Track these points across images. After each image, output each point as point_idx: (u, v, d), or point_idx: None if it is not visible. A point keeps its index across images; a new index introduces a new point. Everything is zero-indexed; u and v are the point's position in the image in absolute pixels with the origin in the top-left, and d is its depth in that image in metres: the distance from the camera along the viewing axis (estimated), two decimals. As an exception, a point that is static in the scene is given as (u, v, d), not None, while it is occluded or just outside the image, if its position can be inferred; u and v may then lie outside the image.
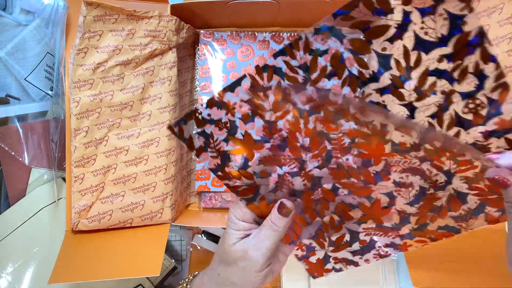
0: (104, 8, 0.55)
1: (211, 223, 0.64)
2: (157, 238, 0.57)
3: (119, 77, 0.57)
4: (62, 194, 0.66)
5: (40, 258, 0.64)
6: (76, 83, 0.55)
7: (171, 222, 0.60)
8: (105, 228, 0.58)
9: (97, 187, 0.57)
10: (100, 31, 0.56)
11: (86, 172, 0.57)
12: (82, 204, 0.57)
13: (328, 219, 0.43)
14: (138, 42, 0.57)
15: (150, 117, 0.59)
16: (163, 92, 0.59)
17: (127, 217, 0.58)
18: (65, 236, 0.58)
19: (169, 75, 0.60)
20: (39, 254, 0.64)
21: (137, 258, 0.54)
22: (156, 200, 0.59)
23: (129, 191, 0.58)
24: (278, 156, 0.40)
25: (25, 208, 0.66)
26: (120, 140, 0.58)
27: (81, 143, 0.56)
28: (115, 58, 0.56)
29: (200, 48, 0.68)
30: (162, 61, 0.59)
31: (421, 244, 0.43)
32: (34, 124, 0.70)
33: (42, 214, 0.66)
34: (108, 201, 0.57)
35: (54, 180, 0.66)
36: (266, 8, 0.61)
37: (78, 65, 0.55)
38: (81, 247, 0.57)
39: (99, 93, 0.56)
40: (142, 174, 0.58)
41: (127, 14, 0.56)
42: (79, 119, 0.56)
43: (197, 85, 0.70)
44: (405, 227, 0.42)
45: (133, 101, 0.58)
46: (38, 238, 0.65)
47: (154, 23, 0.57)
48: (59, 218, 0.65)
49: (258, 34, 0.68)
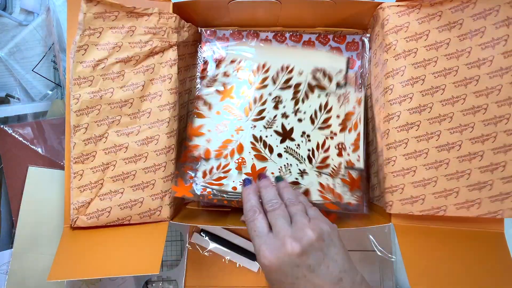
0: (104, 5, 0.55)
1: (210, 222, 0.64)
2: (156, 236, 0.57)
3: (119, 75, 0.57)
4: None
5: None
6: (76, 80, 0.55)
7: (170, 220, 0.60)
8: (104, 225, 0.58)
9: (96, 184, 0.57)
10: (100, 28, 0.56)
11: (85, 169, 0.57)
12: (81, 200, 0.57)
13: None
14: (138, 39, 0.58)
15: (150, 115, 0.59)
16: (163, 90, 0.59)
17: (125, 214, 0.58)
18: (64, 233, 0.58)
19: (169, 73, 0.60)
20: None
21: (136, 255, 0.54)
22: (155, 198, 0.59)
23: (128, 188, 0.58)
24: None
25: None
26: (119, 137, 0.58)
27: (81, 140, 0.56)
28: (115, 55, 0.57)
29: (202, 46, 0.69)
30: (163, 59, 0.60)
31: None
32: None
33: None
34: (107, 198, 0.57)
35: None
36: (268, 7, 0.62)
37: (78, 62, 0.55)
38: (79, 244, 0.56)
39: (99, 90, 0.56)
40: (141, 172, 0.58)
41: (126, 11, 0.57)
42: (78, 115, 0.56)
43: (197, 83, 0.70)
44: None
45: (133, 98, 0.58)
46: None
47: (154, 20, 0.58)
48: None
49: (260, 33, 0.69)
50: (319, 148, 0.64)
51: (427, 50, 0.56)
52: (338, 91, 0.66)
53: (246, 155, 0.63)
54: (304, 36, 0.69)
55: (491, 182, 0.54)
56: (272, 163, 0.63)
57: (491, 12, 0.54)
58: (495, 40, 0.54)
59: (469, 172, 0.55)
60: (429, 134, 0.56)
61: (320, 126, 0.65)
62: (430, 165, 0.56)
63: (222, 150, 0.63)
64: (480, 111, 0.54)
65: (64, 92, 0.74)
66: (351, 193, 0.62)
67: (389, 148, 0.57)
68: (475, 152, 0.55)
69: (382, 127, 0.59)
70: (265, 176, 0.56)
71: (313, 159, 0.63)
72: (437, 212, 0.55)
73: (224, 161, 0.63)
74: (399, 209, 0.56)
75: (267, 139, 0.64)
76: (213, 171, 0.63)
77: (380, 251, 0.70)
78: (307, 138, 0.64)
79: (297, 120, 0.65)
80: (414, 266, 0.52)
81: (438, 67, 0.56)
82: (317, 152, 0.64)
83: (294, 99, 0.66)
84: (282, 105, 0.65)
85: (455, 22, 0.55)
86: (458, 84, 0.55)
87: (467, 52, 0.55)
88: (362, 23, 0.67)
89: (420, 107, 0.56)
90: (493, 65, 0.54)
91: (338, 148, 0.64)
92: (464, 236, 0.56)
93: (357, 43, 0.68)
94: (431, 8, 0.56)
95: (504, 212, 0.54)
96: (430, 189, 0.55)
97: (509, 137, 0.53)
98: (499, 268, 0.53)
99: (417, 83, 0.56)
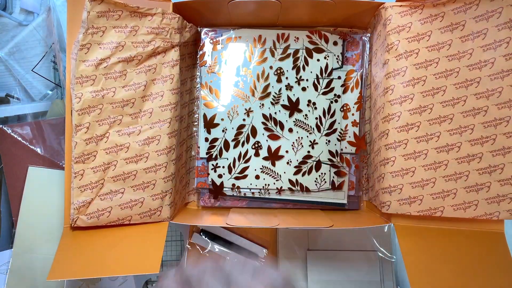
0: (108, 4, 0.56)
1: (210, 222, 0.63)
2: (156, 236, 0.57)
3: (121, 74, 0.57)
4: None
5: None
6: (79, 79, 0.55)
7: (170, 220, 0.60)
8: (104, 225, 0.58)
9: (96, 184, 0.57)
10: (104, 27, 0.56)
11: (86, 169, 0.57)
12: (81, 200, 0.56)
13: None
14: (141, 39, 0.58)
15: (151, 115, 0.59)
16: (165, 90, 0.59)
17: (126, 214, 0.58)
18: (63, 233, 0.57)
19: (171, 73, 0.60)
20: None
21: (136, 255, 0.54)
22: (155, 198, 0.59)
23: (128, 188, 0.58)
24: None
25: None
26: (121, 137, 0.58)
27: (82, 139, 0.56)
28: (117, 54, 0.57)
29: (203, 46, 0.69)
30: (165, 59, 0.60)
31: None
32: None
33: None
34: (107, 198, 0.57)
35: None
36: (268, 7, 0.62)
37: (80, 61, 0.55)
38: (79, 243, 0.56)
39: (101, 90, 0.56)
40: (142, 172, 0.58)
41: (130, 10, 0.57)
42: (80, 115, 0.56)
43: (197, 83, 0.70)
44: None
45: (135, 98, 0.58)
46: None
47: (157, 20, 0.58)
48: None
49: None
50: (326, 114, 0.68)
51: (428, 51, 0.56)
52: (335, 50, 0.68)
53: (260, 137, 0.68)
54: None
55: (488, 184, 0.54)
56: (285, 140, 0.68)
57: (494, 14, 0.54)
58: (497, 42, 0.54)
59: (467, 173, 0.55)
60: (429, 135, 0.56)
61: (324, 91, 0.68)
62: (429, 166, 0.56)
63: (239, 138, 0.68)
64: (480, 113, 0.55)
65: (64, 92, 0.74)
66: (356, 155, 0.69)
67: (388, 148, 0.57)
68: (474, 154, 0.55)
69: (381, 127, 0.59)
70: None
71: (321, 126, 0.68)
72: (434, 212, 0.55)
73: (243, 150, 0.68)
74: (397, 209, 0.57)
75: (276, 115, 0.68)
76: (236, 163, 0.68)
77: (380, 251, 0.70)
78: (313, 106, 0.68)
79: (301, 89, 0.68)
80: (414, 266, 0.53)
81: (439, 68, 0.56)
82: (324, 119, 0.68)
83: (295, 67, 0.68)
84: (284, 77, 0.68)
85: (457, 23, 0.56)
86: (459, 85, 0.55)
87: (468, 53, 0.55)
88: (362, 23, 0.68)
89: (421, 108, 0.56)
90: (494, 67, 0.54)
91: (343, 110, 0.68)
92: (464, 236, 0.56)
93: (357, 43, 0.69)
94: (434, 9, 0.56)
95: (500, 214, 0.54)
96: (428, 189, 0.56)
97: (509, 140, 0.54)
98: (499, 268, 0.53)
99: (418, 83, 0.56)
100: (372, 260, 0.69)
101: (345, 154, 0.69)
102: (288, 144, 0.68)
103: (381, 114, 0.59)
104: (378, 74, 0.62)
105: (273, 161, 0.68)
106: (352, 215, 0.66)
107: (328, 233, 0.72)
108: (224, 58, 0.68)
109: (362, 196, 0.69)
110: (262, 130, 0.68)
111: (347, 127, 0.68)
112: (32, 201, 0.66)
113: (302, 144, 0.68)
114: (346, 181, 0.68)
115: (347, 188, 0.68)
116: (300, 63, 0.68)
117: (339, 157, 0.68)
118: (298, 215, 0.65)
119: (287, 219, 0.62)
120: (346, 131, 0.68)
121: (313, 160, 0.68)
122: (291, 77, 0.68)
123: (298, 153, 0.68)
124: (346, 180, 0.68)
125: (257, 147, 0.68)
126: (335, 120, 0.68)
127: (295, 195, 0.68)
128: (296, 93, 0.68)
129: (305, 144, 0.68)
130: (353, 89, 0.68)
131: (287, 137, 0.68)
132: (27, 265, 0.65)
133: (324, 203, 0.68)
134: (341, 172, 0.68)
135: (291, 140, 0.68)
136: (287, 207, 0.69)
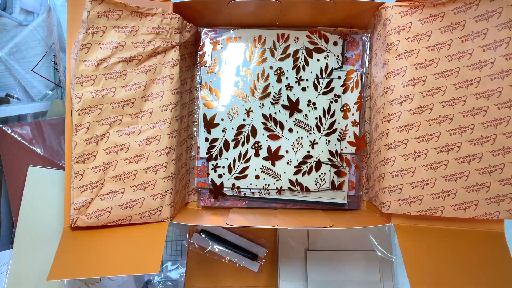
0: (108, 4, 0.56)
1: (210, 221, 0.63)
2: (156, 236, 0.57)
3: (121, 74, 0.57)
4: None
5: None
6: (79, 79, 0.55)
7: (170, 220, 0.60)
8: (104, 225, 0.58)
9: (96, 184, 0.57)
10: (104, 27, 0.56)
11: (86, 169, 0.57)
12: (81, 200, 0.56)
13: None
14: (141, 39, 0.58)
15: (151, 115, 0.59)
16: (165, 90, 0.59)
17: (126, 214, 0.58)
18: (63, 233, 0.57)
19: (171, 73, 0.60)
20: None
21: (136, 255, 0.54)
22: (155, 198, 0.59)
23: (128, 188, 0.58)
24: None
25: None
26: (121, 137, 0.58)
27: (82, 139, 0.56)
28: (118, 54, 0.57)
29: (203, 46, 0.69)
30: (165, 59, 0.60)
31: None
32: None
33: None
34: (107, 198, 0.57)
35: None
36: (268, 7, 0.62)
37: (81, 61, 0.55)
38: (79, 244, 0.56)
39: (101, 90, 0.56)
40: (142, 172, 0.58)
41: (130, 10, 0.57)
42: (80, 115, 0.56)
43: (197, 83, 0.70)
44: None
45: (135, 98, 0.58)
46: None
47: (157, 20, 0.58)
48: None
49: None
50: (326, 114, 0.68)
51: (428, 51, 0.56)
52: (335, 50, 0.68)
53: (260, 137, 0.68)
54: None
55: (488, 184, 0.54)
56: (285, 140, 0.68)
57: (494, 14, 0.54)
58: (497, 42, 0.54)
59: (467, 173, 0.55)
60: (429, 135, 0.56)
61: (324, 91, 0.68)
62: (429, 166, 0.56)
63: (239, 138, 0.68)
64: (480, 113, 0.55)
65: (64, 92, 0.74)
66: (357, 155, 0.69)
67: (388, 148, 0.57)
68: (474, 154, 0.55)
69: (381, 127, 0.59)
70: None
71: (321, 126, 0.68)
72: (434, 212, 0.55)
73: (243, 150, 0.68)
74: (397, 209, 0.57)
75: (276, 115, 0.68)
76: (236, 163, 0.68)
77: (380, 251, 0.70)
78: (313, 106, 0.68)
79: (301, 89, 0.68)
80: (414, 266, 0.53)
81: (439, 68, 0.56)
82: (324, 119, 0.68)
83: (295, 68, 0.68)
84: (284, 77, 0.68)
85: (457, 23, 0.56)
86: (459, 85, 0.55)
87: (468, 53, 0.55)
88: (362, 23, 0.68)
89: (421, 108, 0.56)
90: (494, 67, 0.54)
91: (343, 110, 0.68)
92: (464, 236, 0.56)
93: (357, 43, 0.69)
94: (434, 9, 0.56)
95: (500, 214, 0.54)
96: (428, 190, 0.56)
97: (509, 140, 0.54)
98: (499, 268, 0.53)
99: (418, 83, 0.56)
100: (371, 260, 0.69)
101: (345, 154, 0.69)
102: (288, 144, 0.68)
103: (381, 114, 0.59)
104: (378, 74, 0.62)
105: (273, 161, 0.68)
106: (352, 215, 0.66)
107: (328, 233, 0.72)
108: (224, 58, 0.68)
109: (362, 196, 0.69)
110: (262, 130, 0.68)
111: (347, 127, 0.68)
112: (32, 201, 0.66)
113: (302, 144, 0.68)
114: (346, 181, 0.68)
115: (347, 188, 0.68)
116: (300, 63, 0.68)
117: (339, 157, 0.68)
118: (298, 215, 0.65)
119: (287, 219, 0.62)
120: (346, 131, 0.68)
121: (313, 160, 0.68)
122: (291, 77, 0.68)
123: (298, 153, 0.68)
124: (346, 180, 0.68)
125: (257, 147, 0.68)
126: (335, 120, 0.68)
127: (295, 195, 0.68)
128: (296, 93, 0.68)
129: (305, 144, 0.68)
130: (353, 89, 0.68)
131: (287, 137, 0.68)
132: (27, 265, 0.65)
133: (324, 203, 0.68)
134: (341, 172, 0.68)
135: (291, 140, 0.68)
136: (287, 207, 0.69)
